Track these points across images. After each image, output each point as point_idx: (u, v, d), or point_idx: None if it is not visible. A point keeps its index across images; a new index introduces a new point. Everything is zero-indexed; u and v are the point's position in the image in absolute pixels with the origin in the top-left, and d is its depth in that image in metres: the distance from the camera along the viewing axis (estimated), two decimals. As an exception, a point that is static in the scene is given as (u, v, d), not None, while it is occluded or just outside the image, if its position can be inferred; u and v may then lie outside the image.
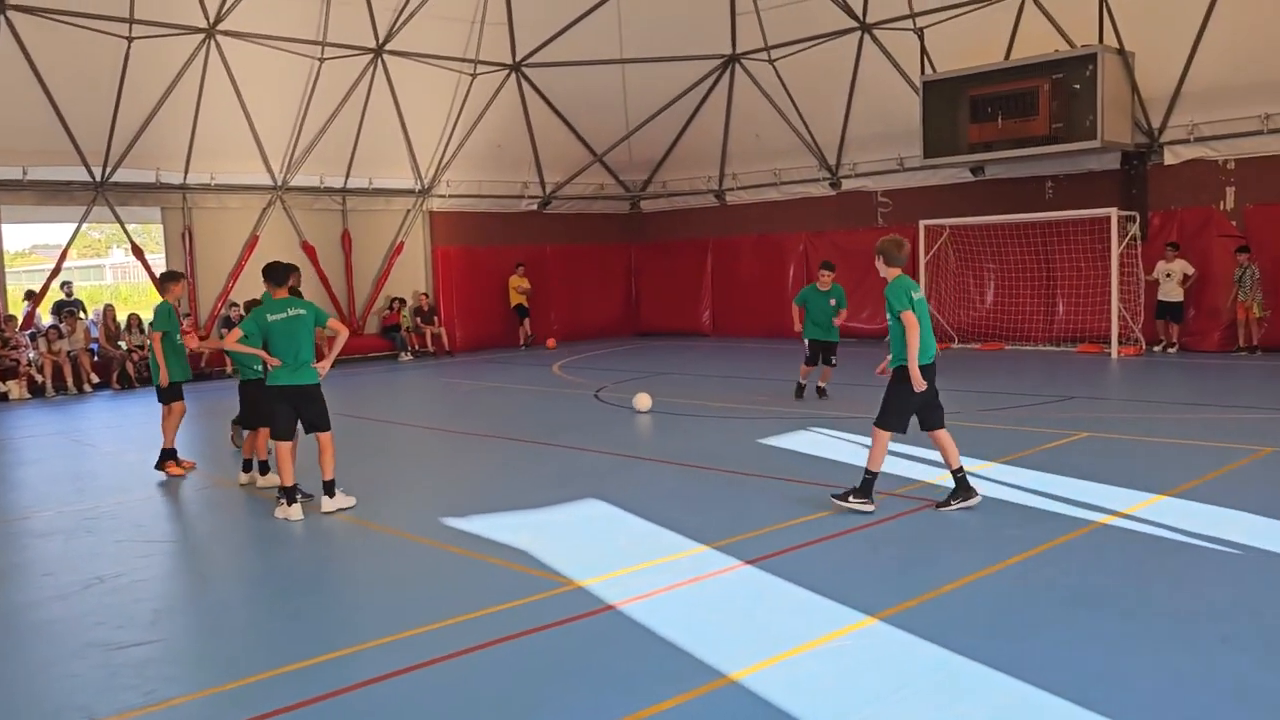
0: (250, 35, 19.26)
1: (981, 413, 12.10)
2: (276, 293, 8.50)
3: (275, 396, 8.40)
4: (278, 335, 8.27)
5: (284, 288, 8.52)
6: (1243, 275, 16.80)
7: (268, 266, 8.60)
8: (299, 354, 8.28)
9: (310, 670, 5.04)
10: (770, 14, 21.80)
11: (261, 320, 8.32)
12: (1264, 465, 8.75)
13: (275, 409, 8.41)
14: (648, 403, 12.92)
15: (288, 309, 8.36)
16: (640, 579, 6.23)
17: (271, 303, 8.46)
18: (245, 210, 21.07)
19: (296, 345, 8.28)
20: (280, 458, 8.34)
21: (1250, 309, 16.86)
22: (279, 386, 8.34)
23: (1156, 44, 17.51)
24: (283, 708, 4.59)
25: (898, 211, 21.82)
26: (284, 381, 8.31)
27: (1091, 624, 5.26)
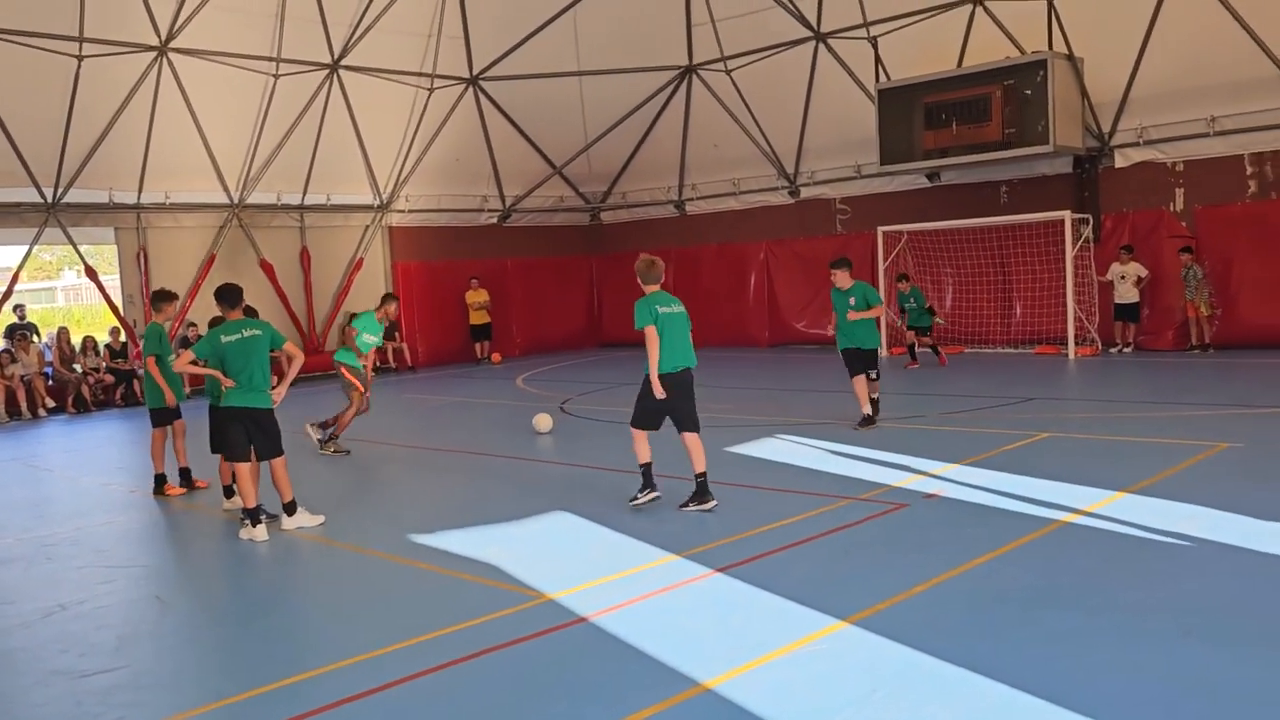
0: (203, 53, 19.08)
1: (943, 415, 12.23)
2: (231, 314, 8.46)
3: (227, 418, 8.34)
4: (232, 356, 8.21)
5: (238, 309, 8.46)
6: (1187, 275, 17.15)
7: (220, 288, 8.56)
8: (253, 376, 8.23)
9: (280, 692, 4.99)
10: (726, 24, 21.96)
11: (215, 341, 8.26)
12: (1218, 461, 8.92)
13: (228, 431, 8.34)
14: (548, 424, 12.57)
15: (243, 330, 8.31)
16: (612, 590, 6.23)
17: (227, 324, 8.41)
18: (201, 229, 20.84)
19: (251, 367, 8.23)
20: (240, 480, 8.26)
21: (1198, 308, 17.21)
22: (231, 408, 8.28)
23: (1104, 50, 17.83)
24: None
25: (856, 218, 22.03)
26: (236, 403, 8.25)
27: (1057, 621, 5.33)
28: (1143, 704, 4.34)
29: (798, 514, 7.78)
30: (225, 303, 8.47)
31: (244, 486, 8.25)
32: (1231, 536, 6.59)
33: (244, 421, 8.25)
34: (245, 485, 8.23)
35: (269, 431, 8.34)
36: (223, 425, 8.49)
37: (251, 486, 8.24)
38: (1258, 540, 6.48)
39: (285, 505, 8.36)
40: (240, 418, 8.26)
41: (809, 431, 11.52)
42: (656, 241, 25.62)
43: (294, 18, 19.80)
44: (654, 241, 25.68)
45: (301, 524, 8.34)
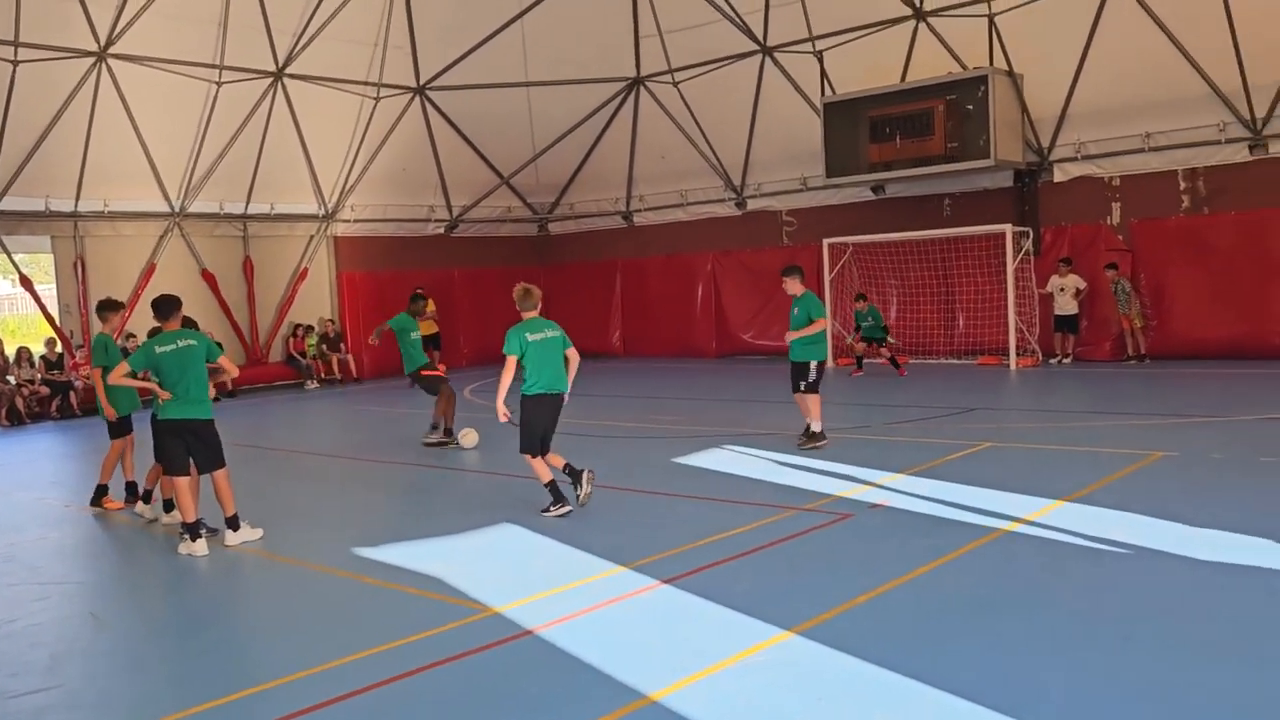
0: (143, 59, 18.76)
1: (888, 426, 12.36)
2: (167, 325, 8.32)
3: (165, 431, 8.19)
4: (168, 368, 8.06)
5: (174, 320, 8.32)
6: (1116, 289, 17.53)
7: (155, 299, 8.41)
8: (189, 388, 8.09)
9: (220, 710, 4.89)
10: (673, 37, 22.08)
11: (150, 353, 8.11)
12: (1155, 469, 9.11)
13: (166, 444, 8.19)
14: (474, 439, 12.45)
15: (177, 340, 8.16)
16: (558, 603, 6.20)
17: (161, 335, 8.28)
18: (141, 238, 20.45)
19: (187, 378, 8.09)
20: (179, 493, 8.11)
21: (1131, 320, 17.60)
22: (169, 420, 8.13)
23: (1043, 66, 18.21)
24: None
25: (802, 230, 22.23)
26: (174, 415, 8.10)
27: (999, 629, 5.41)
28: (1085, 710, 4.41)
29: (744, 525, 7.80)
30: (160, 313, 8.32)
31: (182, 501, 8.09)
32: (1166, 543, 6.73)
33: (182, 434, 8.10)
34: (184, 499, 8.08)
35: (209, 443, 8.20)
36: (161, 438, 8.33)
37: (190, 501, 8.08)
38: (1191, 547, 6.62)
39: (228, 520, 8.21)
40: (178, 430, 8.11)
41: (756, 442, 11.57)
42: (605, 253, 25.66)
43: (237, 25, 19.55)
44: (602, 253, 25.73)
45: (245, 538, 8.20)
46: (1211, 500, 7.87)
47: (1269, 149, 16.73)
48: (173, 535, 8.54)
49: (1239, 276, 16.93)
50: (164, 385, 8.07)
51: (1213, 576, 6.10)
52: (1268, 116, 16.56)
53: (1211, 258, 17.19)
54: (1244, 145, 16.91)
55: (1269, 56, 16.16)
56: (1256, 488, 8.24)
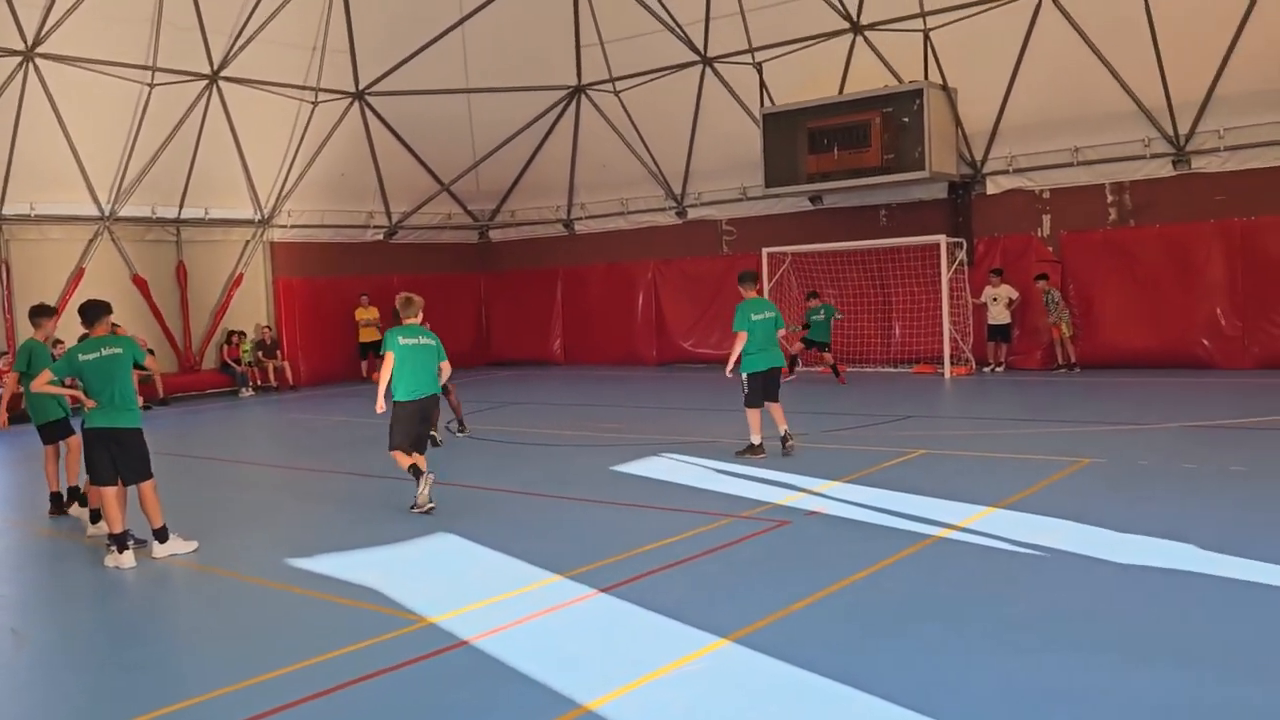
0: (73, 59, 18.34)
1: (825, 433, 12.49)
2: (93, 331, 8.15)
3: (91, 440, 7.99)
4: (91, 375, 7.88)
5: (100, 326, 8.15)
6: (1047, 299, 17.94)
7: (82, 305, 8.24)
8: (114, 395, 7.92)
9: (146, 726, 4.79)
10: (614, 46, 22.15)
11: (73, 360, 7.92)
12: (1082, 475, 9.32)
13: (92, 453, 7.99)
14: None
15: (101, 348, 7.97)
16: (494, 612, 6.17)
17: (85, 342, 8.10)
18: (69, 242, 19.95)
19: (113, 386, 7.91)
20: (105, 504, 7.92)
21: (1061, 329, 18.00)
22: (95, 429, 7.94)
23: (977, 81, 18.58)
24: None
25: (742, 240, 22.39)
26: (99, 424, 7.92)
27: (930, 634, 5.49)
28: (1009, 711, 4.50)
29: (681, 533, 7.83)
30: (85, 319, 8.15)
31: (109, 511, 7.91)
32: (1093, 548, 6.89)
33: (107, 443, 7.92)
34: (110, 510, 7.89)
35: (135, 453, 8.02)
36: (87, 447, 8.12)
37: (117, 511, 7.90)
38: (1116, 551, 6.79)
39: (156, 532, 8.03)
40: (103, 439, 7.93)
41: (694, 450, 11.62)
42: (546, 260, 25.62)
43: (171, 25, 19.21)
44: (543, 260, 25.68)
45: (174, 551, 8.03)
46: (1137, 505, 8.07)
47: (1191, 165, 17.25)
48: (99, 547, 8.34)
49: (1163, 288, 17.41)
50: (88, 393, 7.89)
51: (1137, 580, 6.26)
52: (1190, 133, 17.08)
53: (1137, 269, 17.66)
54: (1168, 160, 17.41)
55: (1191, 76, 16.69)
56: (1179, 493, 8.48)
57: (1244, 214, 16.78)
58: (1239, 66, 16.32)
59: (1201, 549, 6.73)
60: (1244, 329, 16.84)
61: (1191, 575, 6.27)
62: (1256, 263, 16.64)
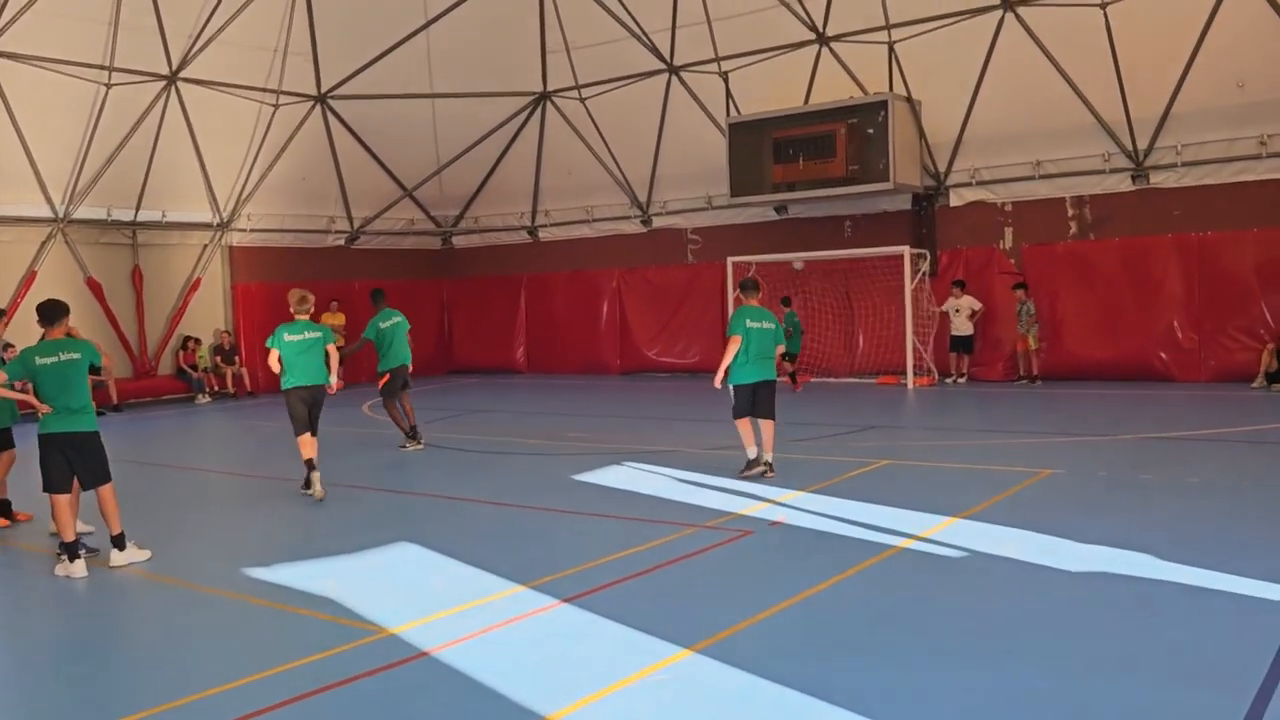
0: (27, 57, 18.00)
1: (789, 443, 12.48)
2: (51, 333, 7.95)
3: (46, 445, 7.79)
4: (48, 379, 7.70)
5: (59, 327, 7.96)
6: (1021, 310, 18.11)
7: (41, 304, 8.05)
8: (71, 400, 7.75)
9: (93, 741, 4.66)
10: (580, 53, 22.12)
11: (29, 363, 7.73)
12: (1044, 486, 9.39)
13: (47, 459, 7.78)
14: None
15: (60, 352, 7.80)
16: (456, 623, 6.08)
17: (43, 344, 7.91)
18: (20, 244, 19.54)
19: (69, 390, 7.74)
20: (58, 511, 7.73)
21: (1028, 341, 18.17)
22: (50, 434, 7.75)
23: (941, 94, 18.75)
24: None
25: (707, 249, 22.41)
26: (55, 429, 7.73)
27: (892, 644, 5.48)
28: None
29: (644, 543, 7.78)
30: (44, 319, 7.95)
31: (61, 518, 7.72)
32: (1053, 559, 6.93)
33: (63, 448, 7.74)
34: (63, 516, 7.71)
35: (93, 457, 7.85)
36: (42, 452, 7.90)
37: (69, 518, 7.72)
38: (1075, 561, 6.83)
39: (115, 538, 7.85)
40: (60, 444, 7.74)
41: (658, 459, 11.58)
42: (509, 267, 25.50)
43: (129, 25, 18.90)
44: (507, 267, 25.56)
45: (134, 559, 7.86)
46: (1096, 516, 8.13)
47: (1150, 179, 17.50)
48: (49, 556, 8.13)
49: (1122, 301, 17.63)
50: (43, 398, 7.70)
51: (1095, 590, 6.29)
52: (1149, 148, 17.33)
53: (1097, 282, 17.87)
54: (1127, 175, 17.66)
55: (1150, 92, 16.94)
56: (1137, 504, 8.57)
57: (1200, 228, 17.04)
58: (1196, 84, 16.60)
59: (1159, 559, 6.78)
60: (1200, 342, 17.08)
61: (1148, 584, 6.32)
62: (1212, 277, 16.90)
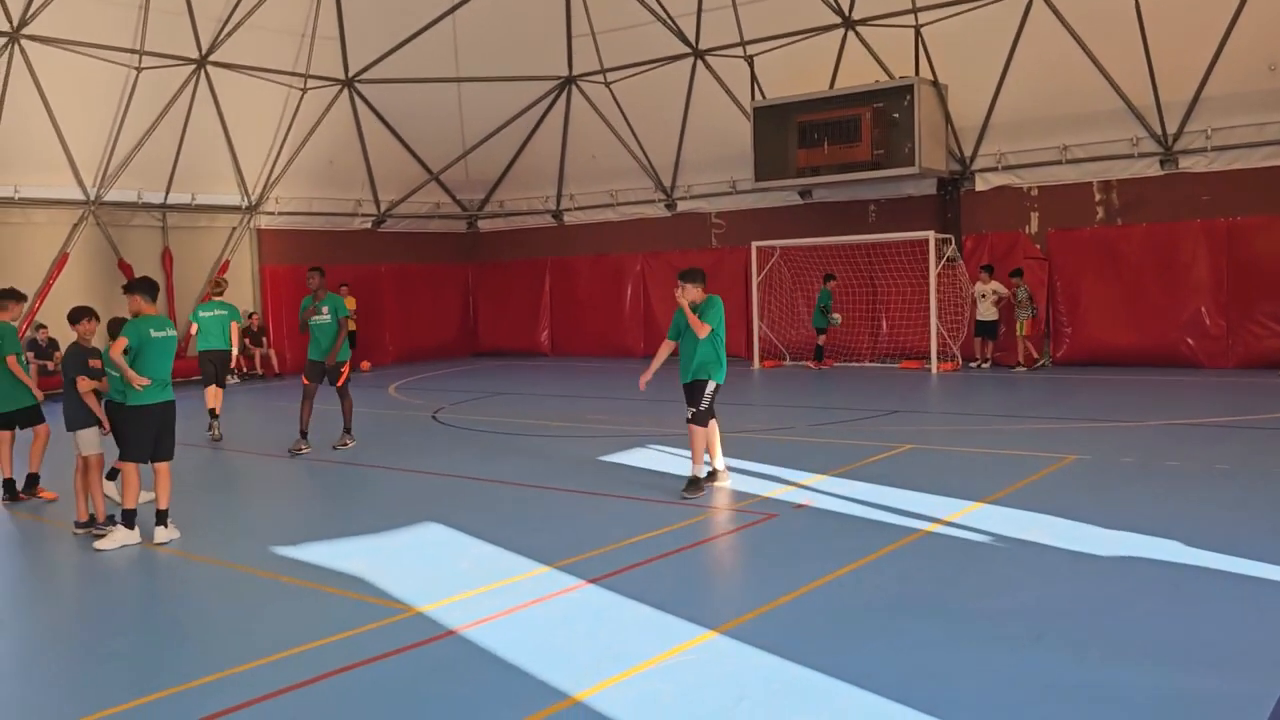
0: (60, 41, 18.19)
1: (812, 427, 12.52)
2: (148, 309, 8.17)
3: (141, 416, 7.96)
4: (155, 352, 7.98)
5: (154, 305, 8.27)
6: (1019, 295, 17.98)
7: (144, 280, 8.28)
8: (167, 374, 8.08)
9: (128, 714, 4.75)
10: (606, 37, 22.10)
11: (145, 334, 7.93)
12: (1069, 472, 9.37)
13: (138, 429, 7.96)
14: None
15: (166, 328, 8.14)
16: (482, 602, 6.16)
17: (150, 318, 8.12)
18: (53, 226, 19.80)
19: (167, 364, 8.07)
20: (133, 479, 7.99)
21: (1018, 326, 18.05)
22: (145, 405, 7.96)
23: (967, 78, 18.63)
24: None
25: (731, 233, 22.39)
26: (152, 400, 7.98)
27: (917, 628, 5.51)
28: (996, 706, 4.51)
29: (669, 525, 7.84)
30: (147, 295, 8.18)
31: (135, 487, 7.99)
32: (1078, 544, 6.93)
33: (157, 420, 8.02)
34: (136, 485, 7.98)
35: (172, 428, 8.16)
36: (130, 424, 8.00)
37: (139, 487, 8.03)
38: (1100, 547, 6.83)
39: (161, 513, 8.06)
40: (156, 415, 8.02)
41: (681, 442, 11.60)
42: (534, 251, 25.57)
43: (159, 9, 19.07)
44: (531, 251, 25.63)
45: (170, 537, 8.01)
46: (1121, 502, 8.12)
47: (1179, 164, 17.33)
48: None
49: (1149, 286, 17.50)
50: (143, 370, 7.89)
51: (1122, 576, 6.29)
52: (1178, 133, 17.16)
53: (1123, 268, 17.75)
54: (1155, 160, 17.50)
55: (1180, 75, 16.76)
56: (1164, 490, 8.54)
57: (1229, 214, 16.88)
58: (1226, 68, 16.42)
59: (1185, 545, 6.76)
60: (1228, 328, 16.94)
61: (1175, 570, 6.31)
62: (1241, 262, 16.74)
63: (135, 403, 7.95)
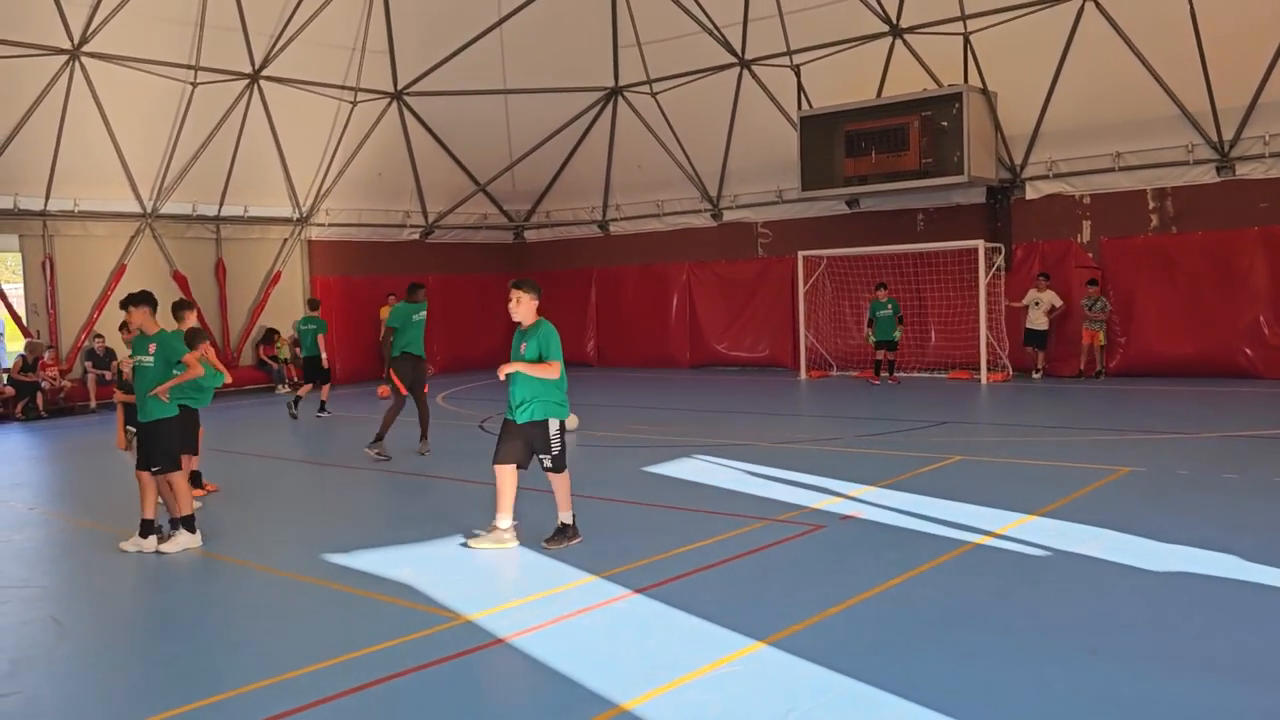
0: (118, 58, 18.61)
1: (859, 438, 12.42)
2: (151, 326, 8.30)
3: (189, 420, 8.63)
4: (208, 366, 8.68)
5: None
6: (1094, 305, 17.68)
7: (143, 294, 8.34)
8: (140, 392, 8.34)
9: (180, 718, 4.83)
10: (652, 48, 22.16)
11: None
12: (1122, 484, 9.20)
13: (187, 433, 8.57)
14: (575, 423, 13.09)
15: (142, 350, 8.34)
16: (530, 611, 6.18)
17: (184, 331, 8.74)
18: (111, 238, 20.25)
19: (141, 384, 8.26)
20: (184, 484, 8.31)
21: (1097, 336, 17.75)
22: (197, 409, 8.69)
23: (1017, 86, 18.42)
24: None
25: (777, 242, 22.32)
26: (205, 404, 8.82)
27: (968, 641, 5.44)
28: (1048, 722, 4.44)
29: (716, 535, 7.81)
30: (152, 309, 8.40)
31: (188, 492, 8.35)
32: (1132, 558, 6.80)
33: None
34: (189, 491, 8.31)
35: (160, 442, 8.35)
36: (183, 428, 8.49)
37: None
38: (1156, 561, 6.70)
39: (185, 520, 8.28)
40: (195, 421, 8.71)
41: (727, 453, 11.59)
42: (580, 261, 25.67)
43: (214, 26, 19.45)
44: (577, 261, 25.73)
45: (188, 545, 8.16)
46: (1177, 515, 7.96)
47: (1235, 171, 16.99)
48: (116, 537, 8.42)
49: (1205, 295, 17.17)
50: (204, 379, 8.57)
51: (1177, 590, 6.17)
52: (1235, 139, 16.83)
53: (1178, 276, 17.43)
54: (1211, 167, 17.17)
55: (1237, 80, 16.44)
56: (1221, 503, 8.35)
57: (1289, 221, 16.52)
58: (1286, 72, 16.08)
59: (1244, 560, 6.62)
60: (1288, 338, 16.56)
61: (1233, 585, 6.17)
62: (1301, 271, 16.37)
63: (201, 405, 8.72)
